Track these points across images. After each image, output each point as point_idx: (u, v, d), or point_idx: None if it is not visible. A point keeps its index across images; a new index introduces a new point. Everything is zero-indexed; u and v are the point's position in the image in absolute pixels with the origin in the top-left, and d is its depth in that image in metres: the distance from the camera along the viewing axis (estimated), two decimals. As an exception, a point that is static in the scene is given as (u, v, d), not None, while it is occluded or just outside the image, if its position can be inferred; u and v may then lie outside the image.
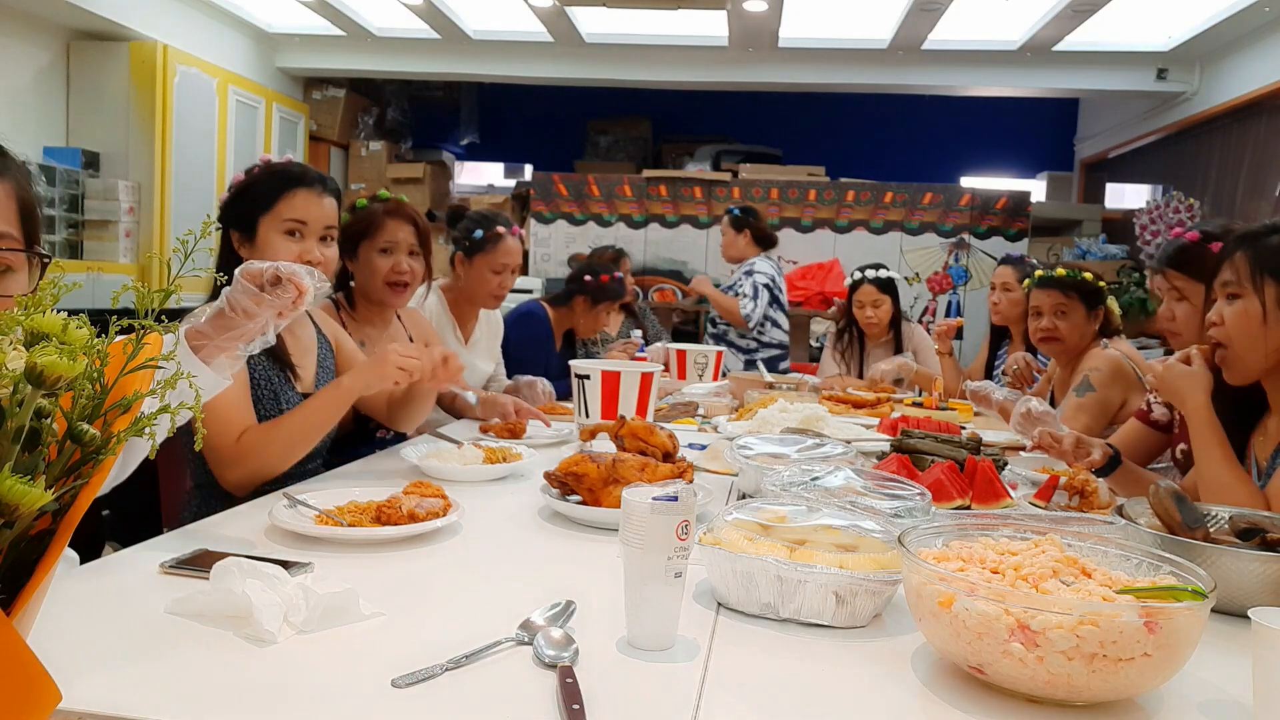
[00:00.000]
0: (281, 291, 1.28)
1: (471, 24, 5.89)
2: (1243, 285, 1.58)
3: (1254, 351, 1.57)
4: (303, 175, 1.85)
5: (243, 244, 1.84)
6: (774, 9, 5.14)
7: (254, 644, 0.98)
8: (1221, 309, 1.61)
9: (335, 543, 1.35)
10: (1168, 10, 5.11)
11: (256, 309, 1.27)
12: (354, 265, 2.36)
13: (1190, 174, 5.88)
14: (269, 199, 1.81)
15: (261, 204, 1.81)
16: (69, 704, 0.84)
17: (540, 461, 1.94)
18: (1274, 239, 1.57)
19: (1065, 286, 2.72)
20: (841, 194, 6.16)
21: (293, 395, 1.86)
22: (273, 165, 1.88)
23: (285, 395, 1.84)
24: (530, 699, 0.89)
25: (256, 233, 1.82)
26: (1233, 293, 1.60)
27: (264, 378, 1.82)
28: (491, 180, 8.35)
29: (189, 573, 1.18)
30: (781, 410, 2.52)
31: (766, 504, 1.32)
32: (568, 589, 1.17)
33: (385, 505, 1.41)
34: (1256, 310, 1.56)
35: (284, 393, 1.84)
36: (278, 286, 1.28)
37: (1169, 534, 1.28)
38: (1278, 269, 1.55)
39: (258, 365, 1.80)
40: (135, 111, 5.00)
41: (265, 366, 1.82)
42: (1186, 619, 0.89)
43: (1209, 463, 1.64)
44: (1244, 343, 1.58)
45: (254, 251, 1.81)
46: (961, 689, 0.96)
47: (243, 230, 1.84)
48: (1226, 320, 1.60)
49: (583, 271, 3.60)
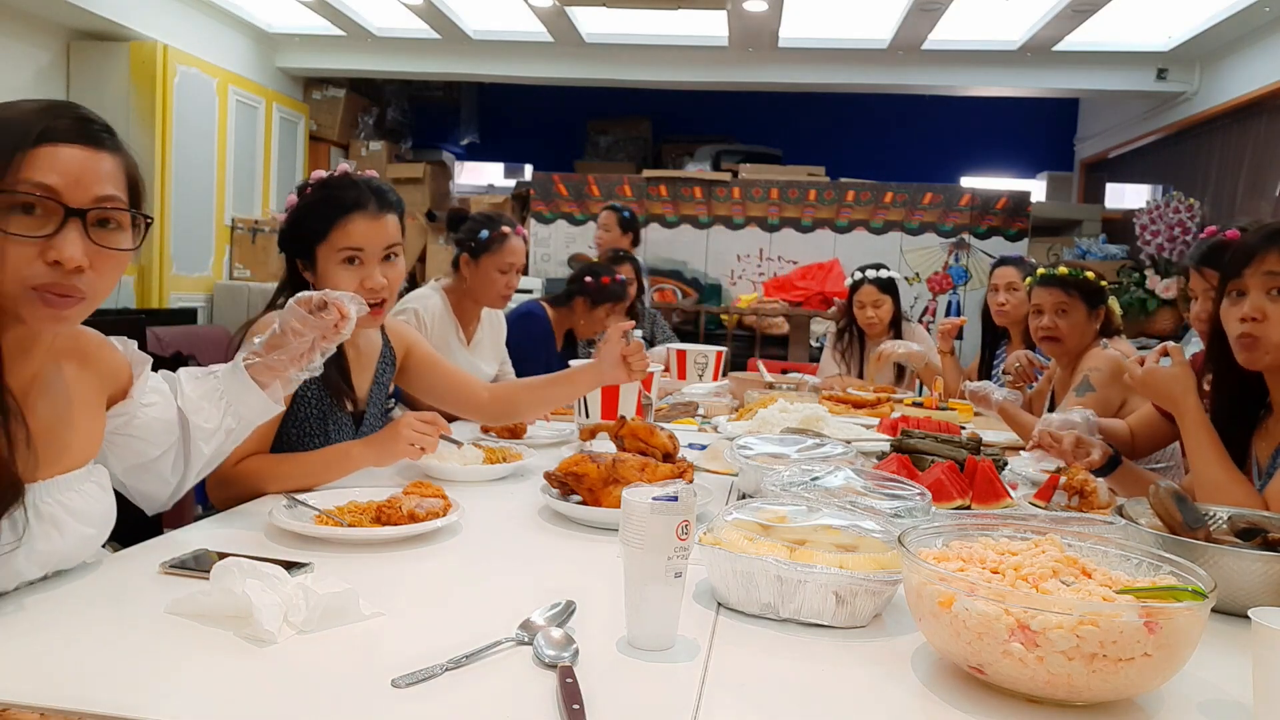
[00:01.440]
0: (326, 314, 1.38)
1: (471, 24, 5.89)
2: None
3: None
4: (356, 200, 1.73)
5: (306, 269, 1.78)
6: (774, 9, 5.14)
7: (254, 644, 0.98)
8: (1262, 303, 1.55)
9: (335, 543, 1.35)
10: (1168, 10, 5.11)
11: (303, 328, 1.37)
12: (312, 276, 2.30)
13: (1190, 174, 5.88)
14: (323, 229, 1.73)
15: (317, 234, 1.73)
16: (69, 704, 0.84)
17: (540, 461, 1.93)
18: None
19: (1067, 285, 2.72)
20: (841, 194, 6.16)
21: (342, 417, 1.82)
22: (327, 185, 1.77)
23: (334, 417, 1.80)
24: (530, 699, 0.89)
25: (316, 261, 1.75)
26: (1272, 286, 1.55)
27: (315, 399, 1.77)
28: (491, 180, 8.35)
29: (189, 573, 1.18)
30: (781, 410, 2.52)
31: (766, 504, 1.32)
32: (568, 589, 1.17)
33: (385, 505, 1.41)
34: None
35: (332, 415, 1.80)
36: (324, 310, 1.38)
37: (1170, 534, 1.27)
38: None
39: (308, 387, 1.74)
40: (135, 111, 5.00)
41: (316, 389, 1.77)
42: (1186, 619, 0.89)
43: (1204, 463, 1.63)
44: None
45: (316, 278, 1.75)
46: (961, 689, 0.96)
47: (303, 258, 1.78)
48: (1271, 315, 1.54)
49: (583, 272, 3.60)
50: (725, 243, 6.26)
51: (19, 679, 0.89)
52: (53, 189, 1.02)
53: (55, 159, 1.02)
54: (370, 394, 1.90)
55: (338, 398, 1.80)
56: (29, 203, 1.01)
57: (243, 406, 1.39)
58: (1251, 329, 1.56)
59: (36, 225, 1.02)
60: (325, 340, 1.40)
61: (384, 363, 1.95)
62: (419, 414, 1.70)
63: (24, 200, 1.01)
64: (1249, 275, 1.58)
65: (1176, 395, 1.71)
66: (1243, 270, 1.59)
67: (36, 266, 1.02)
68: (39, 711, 0.83)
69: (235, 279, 5.80)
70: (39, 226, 1.02)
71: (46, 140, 1.02)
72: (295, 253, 1.79)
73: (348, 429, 1.84)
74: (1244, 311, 1.57)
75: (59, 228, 1.02)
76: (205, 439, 1.37)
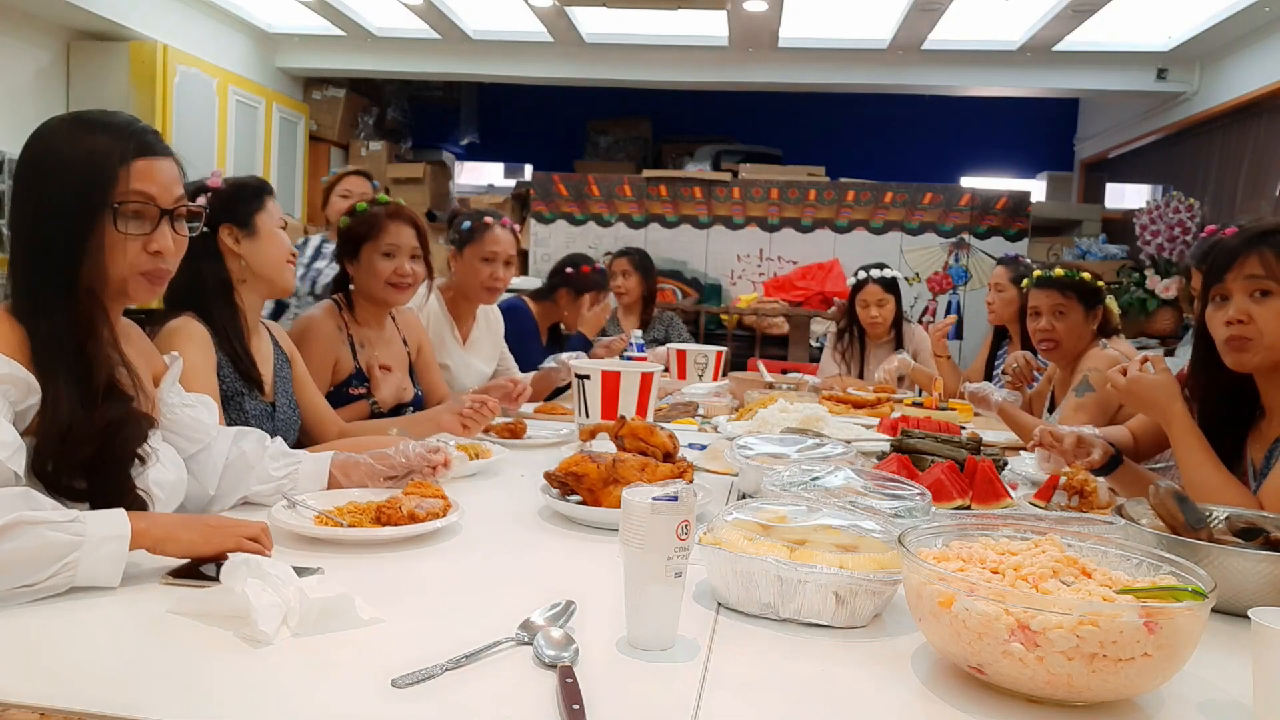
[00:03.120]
0: (434, 455, 1.65)
1: (471, 24, 5.89)
2: (1274, 283, 1.54)
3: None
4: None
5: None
6: (774, 9, 5.14)
7: (251, 644, 0.98)
8: (1247, 306, 1.56)
9: (336, 544, 1.35)
10: (1168, 10, 5.11)
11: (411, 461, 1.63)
12: (355, 267, 2.37)
13: (1190, 174, 5.88)
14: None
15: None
16: (69, 704, 0.84)
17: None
18: None
19: (1063, 287, 2.72)
20: (841, 194, 6.15)
21: (258, 405, 1.89)
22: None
23: (250, 405, 1.87)
24: (530, 699, 0.89)
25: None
26: (1264, 289, 1.55)
27: (230, 389, 1.84)
28: (491, 180, 8.35)
29: (188, 584, 1.15)
30: (781, 410, 2.52)
31: (766, 504, 1.32)
32: (568, 589, 1.17)
33: (385, 506, 1.40)
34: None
35: (248, 402, 1.87)
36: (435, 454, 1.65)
37: (1172, 534, 1.27)
38: None
39: (225, 377, 1.83)
40: (135, 111, 4.95)
41: (232, 378, 1.85)
42: (1186, 619, 0.89)
43: (1196, 467, 1.62)
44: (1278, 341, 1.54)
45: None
46: (961, 689, 0.96)
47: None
48: (1257, 318, 1.55)
49: (563, 265, 3.63)
50: (725, 243, 6.26)
51: (19, 679, 0.89)
52: (151, 195, 1.29)
53: (147, 171, 1.29)
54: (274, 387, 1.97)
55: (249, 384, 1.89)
56: (136, 209, 1.28)
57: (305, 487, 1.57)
58: (1239, 331, 1.57)
59: (140, 225, 1.29)
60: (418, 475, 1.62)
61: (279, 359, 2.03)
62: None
63: (134, 208, 1.28)
64: (1230, 279, 1.58)
65: (1162, 402, 1.71)
66: (1224, 274, 1.59)
67: (142, 257, 1.30)
68: (39, 711, 0.83)
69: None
70: (141, 226, 1.30)
71: (137, 156, 1.28)
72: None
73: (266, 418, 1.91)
74: (1229, 315, 1.57)
75: (156, 225, 1.30)
76: (261, 481, 1.54)
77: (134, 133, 1.29)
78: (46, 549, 1.05)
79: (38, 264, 1.24)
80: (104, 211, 1.25)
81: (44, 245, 1.24)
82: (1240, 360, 1.59)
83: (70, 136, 1.26)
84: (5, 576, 1.03)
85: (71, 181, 1.24)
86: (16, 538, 1.03)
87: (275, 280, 1.93)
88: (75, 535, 1.07)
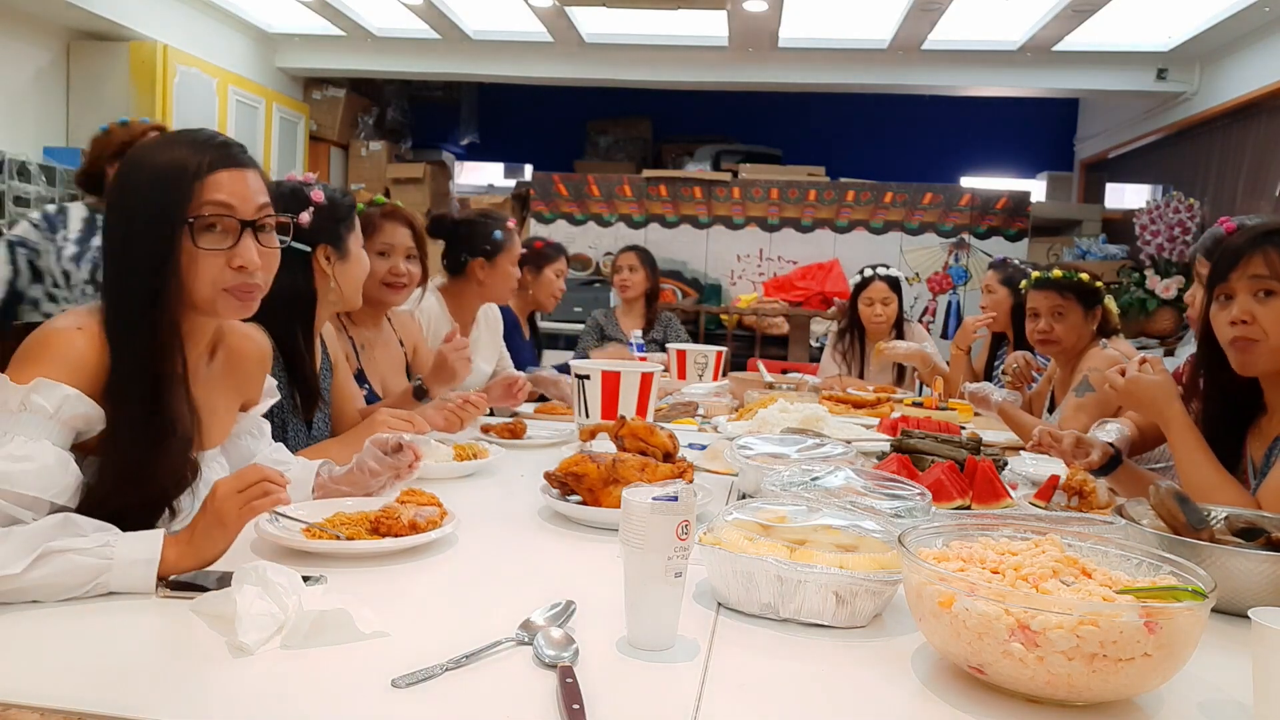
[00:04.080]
0: (400, 457, 1.52)
1: (471, 24, 5.89)
2: (1276, 282, 1.54)
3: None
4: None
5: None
6: (774, 9, 5.14)
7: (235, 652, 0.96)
8: (1251, 306, 1.56)
9: (335, 556, 1.30)
10: (1168, 10, 5.11)
11: (380, 469, 1.52)
12: None
13: (1190, 174, 5.88)
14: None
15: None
16: (69, 704, 0.84)
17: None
18: None
19: (1061, 287, 2.72)
20: (841, 194, 6.15)
21: (298, 425, 1.86)
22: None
23: (291, 425, 1.84)
24: (530, 699, 0.89)
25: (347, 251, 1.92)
26: (1267, 289, 1.55)
27: (279, 406, 1.77)
28: (491, 180, 8.35)
29: (184, 595, 1.12)
30: (781, 410, 2.52)
31: (766, 504, 1.32)
32: (568, 589, 1.17)
33: (383, 516, 1.35)
34: None
35: (290, 422, 1.84)
36: (399, 453, 1.52)
37: (1172, 534, 1.27)
38: None
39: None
40: (135, 111, 4.98)
41: (285, 396, 1.79)
42: (1187, 619, 0.89)
43: (1195, 466, 1.62)
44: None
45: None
46: (961, 689, 0.96)
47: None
48: (1261, 318, 1.55)
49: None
50: (725, 243, 6.26)
51: (19, 679, 0.89)
52: (230, 207, 1.24)
53: (225, 183, 1.24)
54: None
55: (307, 405, 1.86)
56: (212, 222, 1.23)
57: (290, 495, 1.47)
58: (1244, 332, 1.56)
59: (220, 239, 1.24)
60: (398, 479, 1.54)
61: (325, 368, 2.00)
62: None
63: (209, 220, 1.23)
64: (1235, 279, 1.58)
65: (1160, 403, 1.71)
66: (1229, 274, 1.59)
67: (225, 273, 1.25)
68: (39, 711, 0.83)
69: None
70: (222, 240, 1.25)
71: (214, 169, 1.23)
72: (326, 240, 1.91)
73: (302, 436, 1.88)
74: (1233, 315, 1.57)
75: (238, 239, 1.25)
76: None
77: (212, 146, 1.25)
78: (74, 572, 1.07)
79: (125, 284, 1.22)
80: (181, 227, 1.21)
81: (129, 265, 1.22)
82: (1245, 362, 1.59)
83: (152, 155, 1.24)
84: (38, 597, 1.07)
85: (149, 201, 1.22)
86: (45, 565, 1.05)
87: (353, 300, 1.93)
88: (104, 559, 1.09)
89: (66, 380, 1.14)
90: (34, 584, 1.05)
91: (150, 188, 1.22)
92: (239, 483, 1.18)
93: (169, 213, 1.21)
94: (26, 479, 1.09)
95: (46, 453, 1.11)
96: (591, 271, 6.26)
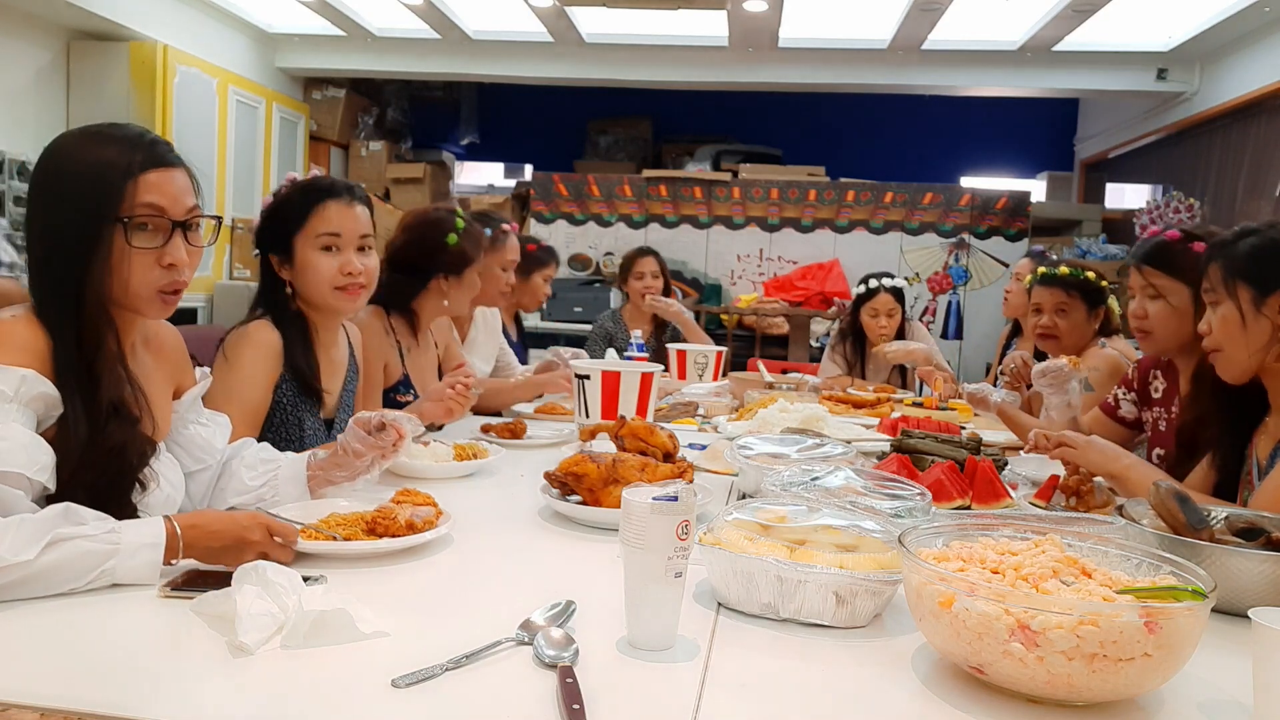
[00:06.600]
0: (384, 436, 1.49)
1: (471, 24, 5.89)
2: (1219, 292, 1.62)
3: (1241, 352, 1.60)
4: (330, 186, 1.83)
5: (283, 266, 1.82)
6: (774, 9, 5.14)
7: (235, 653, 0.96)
8: (1209, 318, 1.64)
9: (333, 558, 1.29)
10: (1168, 10, 5.11)
11: (364, 450, 1.49)
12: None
13: (1190, 174, 5.88)
14: (300, 215, 1.80)
15: (294, 222, 1.80)
16: (69, 704, 0.84)
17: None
18: (1242, 245, 1.60)
19: (1067, 285, 2.72)
20: (841, 194, 6.15)
21: (315, 423, 1.84)
22: (298, 181, 1.86)
23: (309, 423, 1.82)
24: (530, 699, 0.89)
25: (294, 252, 1.80)
26: (1213, 300, 1.64)
27: (290, 403, 1.79)
28: (491, 180, 8.35)
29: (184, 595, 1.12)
30: (781, 410, 2.52)
31: (766, 504, 1.32)
32: (568, 589, 1.17)
33: (380, 516, 1.34)
34: (1235, 315, 1.59)
35: (308, 420, 1.82)
36: (382, 431, 1.49)
37: (1173, 534, 1.27)
38: (1247, 273, 1.58)
39: (285, 392, 1.78)
40: (135, 111, 4.99)
41: (293, 392, 1.79)
42: (1187, 619, 0.89)
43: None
44: (1232, 347, 1.61)
45: (294, 273, 1.81)
46: (961, 689, 0.96)
47: (280, 253, 1.82)
48: (1214, 328, 1.63)
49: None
50: (725, 243, 6.26)
51: (19, 679, 0.89)
52: (162, 208, 1.26)
53: (157, 183, 1.25)
54: (340, 400, 1.93)
55: (312, 401, 1.83)
56: (144, 222, 1.25)
57: (286, 493, 1.52)
58: (1206, 343, 1.65)
59: (150, 238, 1.26)
60: (384, 459, 1.51)
61: (351, 371, 1.98)
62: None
63: (141, 220, 1.25)
64: (1202, 295, 1.67)
65: (1109, 459, 1.74)
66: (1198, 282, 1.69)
67: (156, 271, 1.26)
68: (39, 711, 0.83)
69: (235, 279, 5.80)
70: (153, 239, 1.26)
71: (145, 169, 1.24)
72: (272, 247, 1.83)
73: (320, 433, 1.86)
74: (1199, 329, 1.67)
75: (168, 238, 1.27)
76: (238, 493, 1.50)
77: (142, 144, 1.26)
78: (83, 558, 1.08)
79: (48, 277, 1.23)
80: (112, 225, 1.22)
81: (51, 259, 1.23)
82: (1224, 378, 1.65)
83: (79, 149, 1.24)
84: (47, 585, 1.07)
85: (78, 195, 1.22)
86: (55, 551, 1.06)
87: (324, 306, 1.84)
88: (111, 545, 1.10)
89: (19, 364, 1.15)
90: (44, 570, 1.05)
91: (78, 181, 1.22)
92: (275, 528, 1.23)
93: (101, 210, 1.22)
94: (11, 456, 1.11)
95: (18, 433, 1.13)
96: (591, 271, 6.26)
